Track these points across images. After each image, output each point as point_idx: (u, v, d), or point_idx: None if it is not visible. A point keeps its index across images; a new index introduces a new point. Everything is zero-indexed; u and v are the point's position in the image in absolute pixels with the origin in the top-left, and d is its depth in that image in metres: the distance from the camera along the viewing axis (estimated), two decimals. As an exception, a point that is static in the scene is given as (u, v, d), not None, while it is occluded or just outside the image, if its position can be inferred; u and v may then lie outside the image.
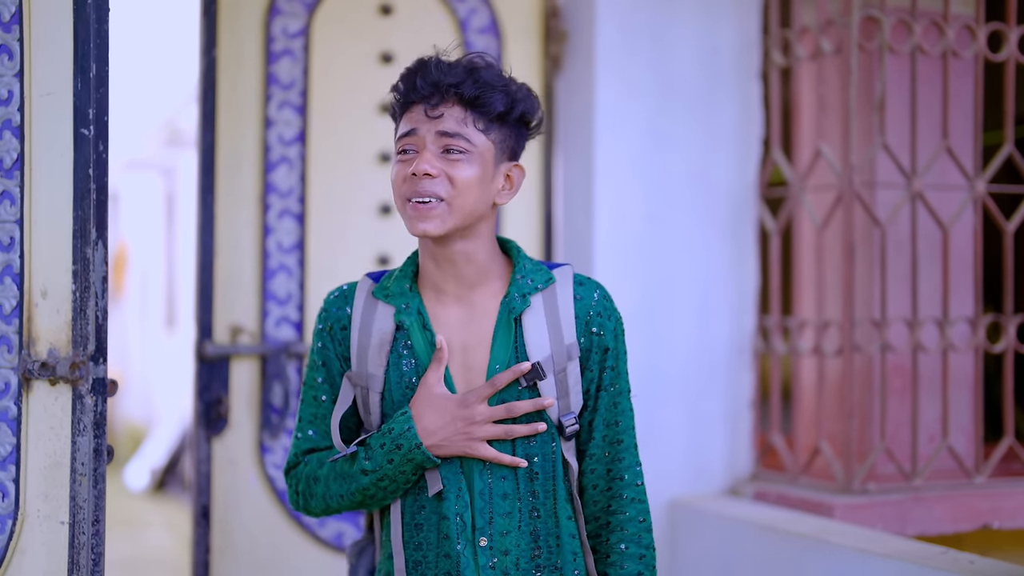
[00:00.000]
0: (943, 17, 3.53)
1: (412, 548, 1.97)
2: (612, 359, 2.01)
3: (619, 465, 2.01)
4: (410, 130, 1.94)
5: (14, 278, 2.19)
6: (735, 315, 3.65)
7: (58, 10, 2.15)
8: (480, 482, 1.95)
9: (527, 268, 2.01)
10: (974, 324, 3.59)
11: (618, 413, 2.01)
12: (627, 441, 2.02)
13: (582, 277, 2.04)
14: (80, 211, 2.13)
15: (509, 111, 1.94)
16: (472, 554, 1.94)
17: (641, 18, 3.55)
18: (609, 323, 2.01)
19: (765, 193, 3.70)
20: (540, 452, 1.96)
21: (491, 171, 1.95)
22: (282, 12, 3.36)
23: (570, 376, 1.97)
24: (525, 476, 1.96)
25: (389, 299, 2.01)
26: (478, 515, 1.95)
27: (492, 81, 1.92)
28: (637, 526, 2.00)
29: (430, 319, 1.99)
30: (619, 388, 2.02)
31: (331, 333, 2.05)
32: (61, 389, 2.14)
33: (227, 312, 3.32)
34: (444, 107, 1.92)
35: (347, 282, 2.11)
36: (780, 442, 3.61)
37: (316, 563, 3.36)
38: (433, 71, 1.93)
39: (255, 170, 3.34)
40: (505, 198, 2.00)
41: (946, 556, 2.81)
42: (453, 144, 1.91)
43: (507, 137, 1.97)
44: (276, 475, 3.33)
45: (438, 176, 1.91)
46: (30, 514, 2.16)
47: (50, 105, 2.16)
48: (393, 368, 1.99)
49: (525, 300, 1.97)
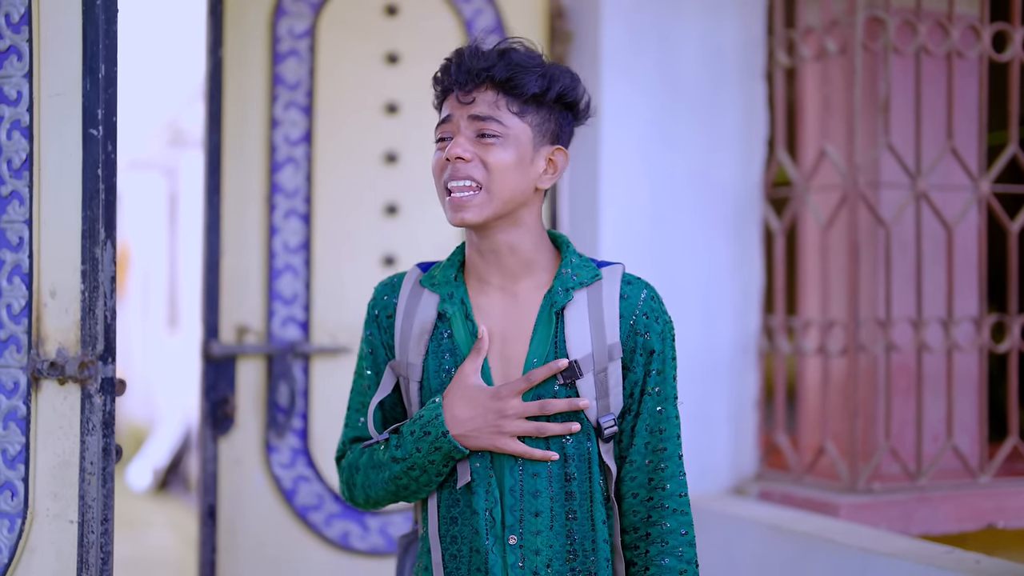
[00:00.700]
0: (948, 17, 3.54)
1: (448, 541, 1.95)
2: (658, 363, 1.95)
3: (661, 474, 1.94)
4: (445, 117, 1.93)
5: (23, 278, 2.19)
6: (739, 315, 3.65)
7: (67, 11, 2.16)
8: (511, 478, 1.91)
9: (574, 263, 1.96)
10: (978, 324, 3.60)
11: (663, 420, 1.95)
12: (671, 449, 1.95)
13: (632, 277, 1.97)
14: (89, 211, 2.13)
15: (544, 92, 1.90)
16: (501, 551, 1.91)
17: (646, 19, 3.55)
18: (656, 325, 1.95)
19: (770, 193, 3.70)
20: (576, 453, 1.92)
21: (529, 154, 1.92)
22: (288, 13, 3.36)
23: (611, 377, 1.92)
24: (560, 476, 1.91)
25: (434, 288, 1.99)
26: (508, 512, 1.91)
27: (524, 63, 1.89)
28: (679, 539, 1.93)
29: (473, 309, 1.96)
30: (665, 394, 1.95)
31: (378, 321, 2.03)
32: (70, 388, 2.15)
33: (233, 312, 3.32)
34: (477, 92, 1.90)
35: (395, 274, 2.09)
36: (785, 442, 3.61)
37: (323, 562, 3.37)
38: (467, 58, 1.90)
39: (261, 170, 3.34)
40: (547, 182, 1.95)
41: (952, 556, 2.81)
42: (486, 128, 1.88)
43: (546, 120, 1.93)
44: (282, 474, 3.34)
45: (472, 160, 1.89)
46: (39, 513, 2.17)
47: (59, 105, 2.17)
48: (432, 357, 1.96)
49: (568, 294, 1.92)
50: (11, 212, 2.20)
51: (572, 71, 1.97)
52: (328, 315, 3.40)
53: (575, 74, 1.97)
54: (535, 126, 1.92)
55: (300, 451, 3.35)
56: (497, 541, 1.91)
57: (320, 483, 3.37)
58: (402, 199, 3.47)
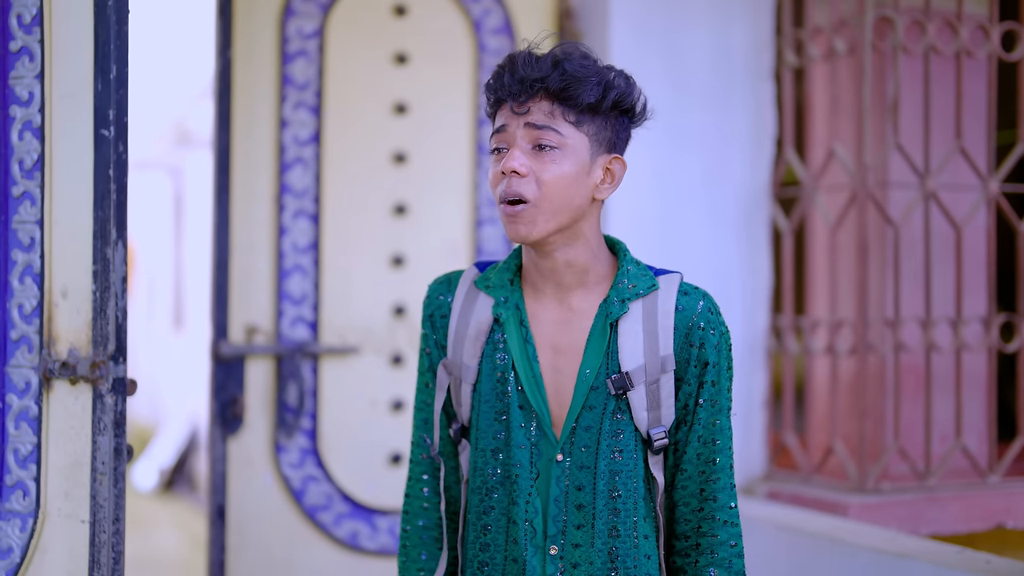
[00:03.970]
0: (957, 17, 3.53)
1: (478, 549, 1.94)
2: (713, 374, 1.90)
3: (713, 486, 1.91)
4: (500, 126, 1.88)
5: (34, 278, 2.20)
6: (748, 315, 3.65)
7: (79, 12, 2.16)
8: (556, 488, 1.89)
9: (631, 272, 1.92)
10: (987, 323, 3.59)
11: (716, 431, 1.91)
12: (722, 461, 1.91)
13: (689, 287, 1.93)
14: (100, 211, 2.13)
15: (601, 101, 1.85)
16: (541, 562, 1.89)
17: (654, 19, 3.55)
18: (712, 337, 1.89)
19: (778, 193, 3.70)
20: (624, 468, 1.89)
21: (587, 165, 1.86)
22: (297, 13, 3.37)
23: (663, 388, 1.89)
24: (606, 492, 1.88)
25: (489, 290, 1.96)
26: (551, 522, 1.89)
27: (579, 72, 1.83)
28: (728, 551, 1.91)
29: (528, 316, 1.94)
30: (719, 406, 1.91)
31: (432, 321, 2.02)
32: (81, 388, 2.15)
33: (242, 312, 3.33)
34: (531, 102, 1.84)
35: (454, 270, 2.07)
36: (793, 441, 3.61)
37: (332, 563, 3.37)
38: (520, 67, 1.84)
39: (270, 170, 3.35)
40: (605, 192, 1.89)
41: (962, 556, 2.81)
42: (543, 137, 1.83)
43: (603, 128, 1.87)
44: (292, 474, 3.34)
45: (527, 175, 1.84)
46: (51, 513, 2.17)
47: (70, 106, 2.17)
48: (487, 360, 1.94)
49: (623, 305, 1.89)
50: (23, 212, 2.21)
51: (626, 74, 1.91)
52: (337, 315, 3.40)
53: (629, 77, 1.91)
54: (592, 135, 1.86)
55: (309, 451, 3.36)
56: (538, 551, 1.89)
57: (329, 483, 3.37)
58: (411, 199, 3.47)
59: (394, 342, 3.45)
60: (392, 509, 3.41)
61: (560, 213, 1.85)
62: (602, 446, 1.88)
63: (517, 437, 1.90)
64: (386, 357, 3.44)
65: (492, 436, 1.93)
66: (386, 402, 3.44)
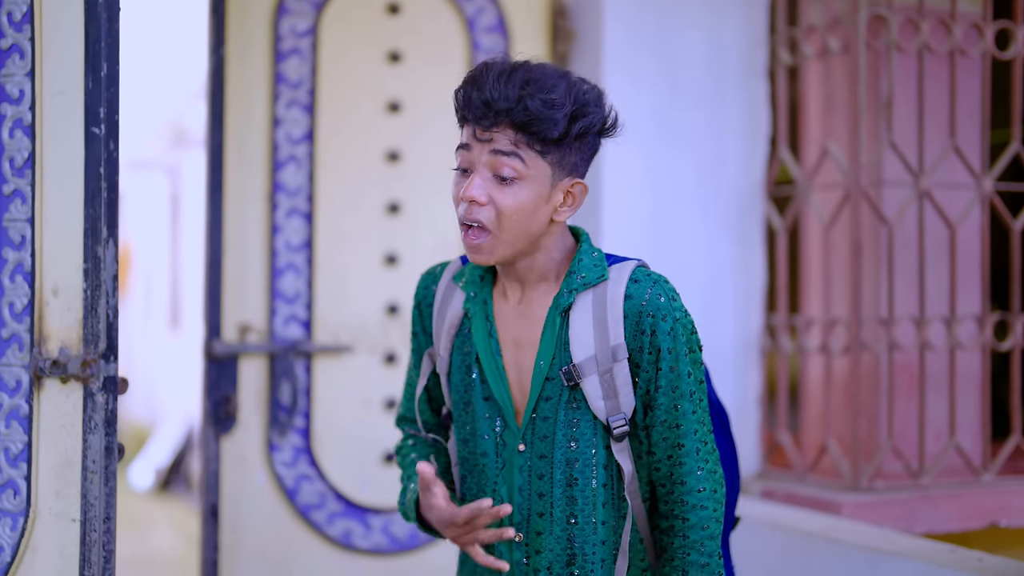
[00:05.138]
0: (950, 15, 3.53)
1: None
2: (670, 360, 1.90)
3: (680, 469, 1.93)
4: (465, 145, 1.89)
5: (25, 277, 2.19)
6: (742, 313, 3.65)
7: (69, 9, 2.16)
8: (520, 478, 1.95)
9: (582, 263, 1.94)
10: (981, 322, 3.59)
11: (679, 416, 1.92)
12: (688, 445, 1.92)
13: (641, 273, 1.94)
14: (91, 209, 2.13)
15: (565, 134, 1.85)
16: (507, 547, 1.96)
17: (648, 17, 3.55)
18: (664, 323, 1.90)
19: (772, 191, 3.70)
20: (581, 457, 1.92)
21: (547, 192, 1.88)
22: (290, 11, 3.36)
23: (617, 377, 1.90)
24: (563, 480, 1.92)
25: (463, 286, 2.01)
26: (517, 510, 1.95)
27: (543, 108, 1.82)
28: (699, 533, 1.93)
29: (493, 311, 1.98)
30: (681, 391, 1.91)
31: (419, 309, 2.08)
32: (72, 387, 2.15)
33: (236, 310, 3.32)
34: (496, 130, 1.84)
35: (442, 262, 2.12)
36: (787, 440, 3.61)
37: (325, 561, 3.37)
38: (487, 90, 1.83)
39: (263, 169, 3.34)
40: (564, 215, 1.91)
41: (955, 554, 2.81)
42: (505, 166, 1.85)
43: (567, 154, 1.88)
44: (285, 473, 3.34)
45: (486, 203, 1.86)
46: (42, 511, 2.17)
47: (61, 104, 2.17)
48: (457, 352, 2.00)
49: (570, 296, 1.92)
50: (13, 211, 2.20)
51: (597, 89, 1.90)
52: (330, 314, 3.40)
53: (600, 95, 1.91)
54: (555, 163, 1.87)
55: (302, 450, 3.35)
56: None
57: (322, 482, 3.37)
58: (404, 197, 3.47)
59: (387, 341, 3.45)
60: (385, 508, 3.41)
61: (517, 240, 1.89)
62: (558, 435, 1.93)
63: (482, 427, 1.97)
64: (379, 356, 3.44)
65: (462, 425, 2.01)
66: (379, 401, 3.43)
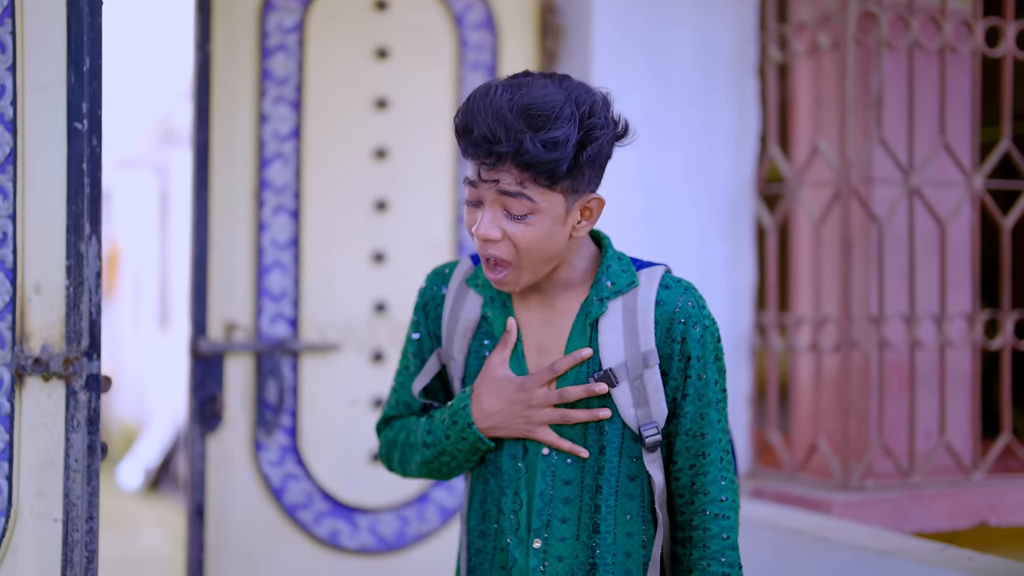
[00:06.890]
0: (940, 12, 3.53)
1: (476, 535, 1.96)
2: (698, 368, 1.88)
3: (703, 479, 1.89)
4: (471, 180, 1.83)
5: (7, 274, 2.17)
6: (732, 311, 3.64)
7: (51, 3, 2.13)
8: (542, 482, 1.90)
9: (611, 270, 1.90)
10: (971, 320, 3.59)
11: (704, 425, 1.89)
12: (712, 454, 1.89)
13: (671, 280, 1.91)
14: (74, 206, 2.11)
15: (574, 165, 1.77)
16: (524, 554, 1.90)
17: (637, 14, 3.54)
18: (694, 330, 1.87)
19: (762, 189, 3.69)
20: (608, 465, 1.88)
21: (562, 216, 1.82)
22: (277, 7, 3.34)
23: (648, 384, 1.87)
24: (590, 487, 1.89)
25: (479, 289, 1.98)
26: (536, 516, 1.89)
27: (549, 147, 1.74)
28: (720, 543, 1.90)
29: (515, 316, 1.95)
30: (707, 399, 1.89)
31: (426, 310, 2.03)
32: (55, 385, 2.12)
33: (222, 308, 3.30)
34: (500, 169, 1.77)
35: (450, 261, 2.07)
36: (777, 439, 3.60)
37: (311, 561, 3.35)
38: (485, 128, 1.75)
39: (250, 166, 3.32)
40: (584, 230, 1.87)
41: (944, 553, 2.80)
42: (515, 206, 1.79)
43: (578, 178, 1.80)
44: (271, 472, 3.31)
45: (501, 240, 1.82)
46: (23, 511, 2.14)
47: (43, 99, 2.14)
48: (473, 356, 1.97)
49: (602, 305, 1.88)
50: (-6, 207, 2.18)
51: (602, 98, 1.82)
52: (317, 312, 3.38)
53: (605, 102, 1.83)
54: (567, 190, 1.81)
55: (289, 449, 3.33)
56: (520, 544, 1.90)
57: (309, 481, 3.35)
58: (392, 195, 3.45)
59: (375, 339, 3.42)
60: (373, 507, 3.39)
61: (539, 266, 1.85)
62: (588, 442, 1.89)
63: None
64: (367, 354, 3.42)
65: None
66: (367, 400, 3.41)
